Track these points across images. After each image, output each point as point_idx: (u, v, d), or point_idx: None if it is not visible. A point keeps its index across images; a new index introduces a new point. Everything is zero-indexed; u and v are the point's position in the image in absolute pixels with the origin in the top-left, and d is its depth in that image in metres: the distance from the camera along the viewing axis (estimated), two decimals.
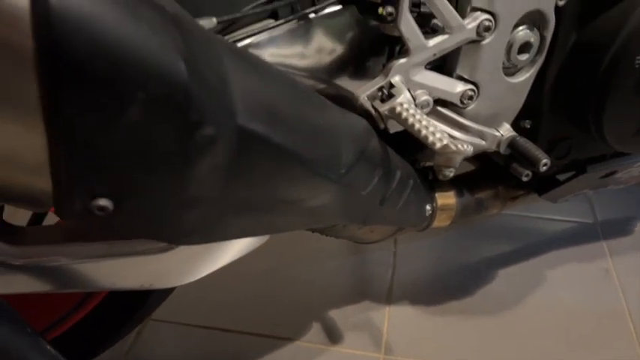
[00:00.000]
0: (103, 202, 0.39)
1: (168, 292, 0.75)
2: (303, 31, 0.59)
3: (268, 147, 0.43)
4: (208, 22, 0.50)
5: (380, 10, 0.53)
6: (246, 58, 0.46)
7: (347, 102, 0.61)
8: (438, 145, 0.54)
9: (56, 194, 0.38)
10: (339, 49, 0.60)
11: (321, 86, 0.61)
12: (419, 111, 0.56)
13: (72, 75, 0.32)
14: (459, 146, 0.55)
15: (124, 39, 0.33)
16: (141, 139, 0.37)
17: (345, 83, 0.62)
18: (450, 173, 0.64)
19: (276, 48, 0.58)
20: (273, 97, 0.45)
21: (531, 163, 0.64)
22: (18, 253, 0.51)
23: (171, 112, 0.36)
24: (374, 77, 0.61)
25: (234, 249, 0.57)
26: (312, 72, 0.61)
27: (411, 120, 0.54)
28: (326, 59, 0.60)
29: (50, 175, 0.38)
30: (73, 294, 0.73)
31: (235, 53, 0.44)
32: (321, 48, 0.60)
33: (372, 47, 0.61)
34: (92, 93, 0.33)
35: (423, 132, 0.55)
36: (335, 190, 0.51)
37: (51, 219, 0.60)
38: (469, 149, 0.56)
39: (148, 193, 0.40)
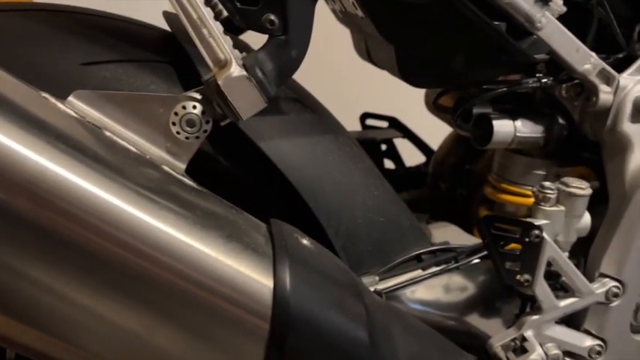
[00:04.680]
0: None
1: None
2: (445, 276, 0.67)
3: None
4: (371, 281, 0.61)
5: (518, 276, 0.61)
6: (404, 319, 0.54)
7: (479, 342, 0.68)
8: None
9: None
10: (475, 293, 0.68)
11: (457, 325, 0.68)
12: None
13: (291, 353, 0.42)
14: None
15: (331, 330, 0.43)
16: None
17: (478, 323, 0.69)
18: None
19: (420, 288, 0.67)
20: (426, 356, 0.53)
21: None
22: None
23: None
24: (505, 323, 0.68)
25: None
26: (449, 311, 0.68)
27: None
28: (464, 301, 0.68)
29: None
30: None
31: (398, 317, 0.53)
32: (458, 292, 0.68)
33: (507, 297, 0.68)
34: None
35: None
36: None
37: None
38: None
39: None
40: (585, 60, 0.62)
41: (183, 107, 0.47)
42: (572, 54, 0.62)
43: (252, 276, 0.43)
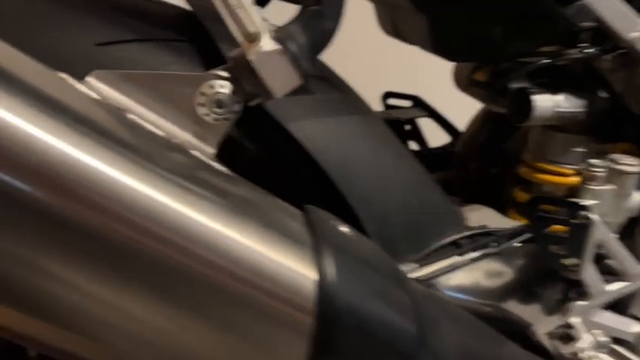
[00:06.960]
0: None
1: None
2: (485, 261, 0.64)
3: None
4: (410, 268, 0.57)
5: (565, 260, 0.57)
6: (448, 307, 0.51)
7: (518, 328, 0.64)
8: None
9: None
10: (516, 279, 0.65)
11: (495, 312, 0.65)
12: (601, 356, 0.57)
13: (337, 349, 0.39)
14: None
15: (378, 323, 0.40)
16: None
17: (517, 310, 0.66)
18: None
19: (458, 275, 0.64)
20: (473, 347, 0.50)
21: None
22: None
23: None
24: (547, 310, 0.64)
25: None
26: (488, 298, 0.65)
27: None
28: (504, 288, 0.64)
29: None
30: None
31: (442, 306, 0.50)
32: (497, 278, 0.64)
33: (548, 282, 0.65)
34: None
35: None
36: None
37: None
38: None
39: None
40: (633, 27, 0.58)
41: (211, 86, 0.43)
42: (619, 20, 0.58)
43: (294, 267, 0.39)
